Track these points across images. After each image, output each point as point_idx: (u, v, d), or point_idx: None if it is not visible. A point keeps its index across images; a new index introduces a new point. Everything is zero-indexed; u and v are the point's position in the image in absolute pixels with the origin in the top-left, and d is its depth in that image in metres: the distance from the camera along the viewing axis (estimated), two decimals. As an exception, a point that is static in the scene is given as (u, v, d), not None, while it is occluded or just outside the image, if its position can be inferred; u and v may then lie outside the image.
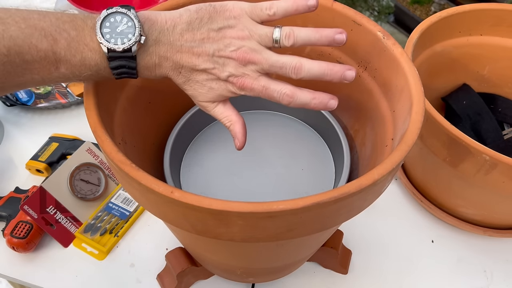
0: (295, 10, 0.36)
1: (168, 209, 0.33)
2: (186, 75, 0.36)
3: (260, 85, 0.36)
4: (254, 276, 0.55)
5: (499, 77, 0.73)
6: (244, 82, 0.36)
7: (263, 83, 0.36)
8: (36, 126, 0.78)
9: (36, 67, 0.31)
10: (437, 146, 0.55)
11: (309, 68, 0.36)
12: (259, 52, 0.35)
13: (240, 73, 0.36)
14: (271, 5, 0.36)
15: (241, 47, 0.35)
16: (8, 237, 0.59)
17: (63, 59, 0.32)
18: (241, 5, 0.36)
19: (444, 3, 1.71)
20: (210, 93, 0.37)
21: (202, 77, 0.36)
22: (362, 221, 0.66)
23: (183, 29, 0.35)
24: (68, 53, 0.32)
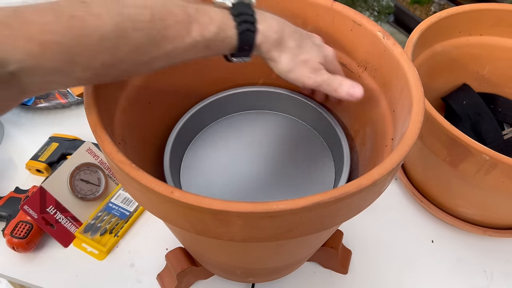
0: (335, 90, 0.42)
1: (168, 209, 0.33)
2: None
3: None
4: (254, 276, 0.55)
5: (499, 77, 0.73)
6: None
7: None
8: (36, 126, 0.78)
9: (172, 33, 0.32)
10: (437, 146, 0.55)
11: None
12: None
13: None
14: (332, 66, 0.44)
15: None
16: (8, 237, 0.59)
17: (194, 20, 0.33)
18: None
19: (444, 3, 1.71)
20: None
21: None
22: (362, 221, 0.66)
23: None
24: (197, 14, 0.34)
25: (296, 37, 0.39)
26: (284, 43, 0.38)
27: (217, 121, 0.55)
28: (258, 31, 0.36)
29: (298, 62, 0.40)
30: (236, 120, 0.55)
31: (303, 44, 0.40)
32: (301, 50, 0.39)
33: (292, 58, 0.39)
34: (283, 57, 0.39)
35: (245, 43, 0.36)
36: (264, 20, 0.37)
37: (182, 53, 0.34)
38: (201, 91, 0.53)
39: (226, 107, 0.55)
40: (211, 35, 0.34)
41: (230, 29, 0.35)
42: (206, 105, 0.52)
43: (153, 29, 0.31)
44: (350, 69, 0.48)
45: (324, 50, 0.42)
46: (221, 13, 0.35)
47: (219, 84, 0.53)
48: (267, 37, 0.37)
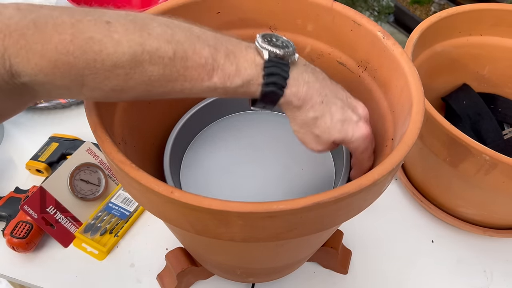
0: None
1: (168, 209, 0.33)
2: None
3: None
4: (254, 276, 0.55)
5: (499, 77, 0.73)
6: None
7: None
8: (36, 126, 0.78)
9: (191, 74, 0.31)
10: (437, 146, 0.55)
11: None
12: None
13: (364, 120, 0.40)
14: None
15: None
16: (8, 237, 0.59)
17: (220, 67, 0.32)
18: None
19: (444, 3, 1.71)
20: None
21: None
22: (362, 221, 0.66)
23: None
24: (226, 61, 0.32)
25: (320, 107, 0.36)
26: (304, 109, 0.36)
27: (217, 121, 0.55)
28: (284, 95, 0.34)
29: (309, 134, 0.38)
30: (236, 120, 0.55)
31: (324, 116, 0.37)
32: (317, 122, 0.37)
33: (303, 127, 0.37)
34: (297, 121, 0.37)
35: (266, 101, 0.35)
36: (294, 84, 0.34)
37: (198, 93, 0.33)
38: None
39: (226, 107, 0.55)
40: (233, 86, 0.33)
41: (255, 86, 0.33)
42: (206, 105, 0.52)
43: (171, 67, 0.30)
44: (350, 69, 0.48)
45: (348, 130, 0.38)
46: (253, 67, 0.33)
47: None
48: (289, 102, 0.35)
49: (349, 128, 0.38)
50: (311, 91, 0.35)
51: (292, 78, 0.34)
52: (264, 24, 0.49)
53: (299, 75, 0.35)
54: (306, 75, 0.35)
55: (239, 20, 0.49)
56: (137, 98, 0.32)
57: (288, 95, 0.34)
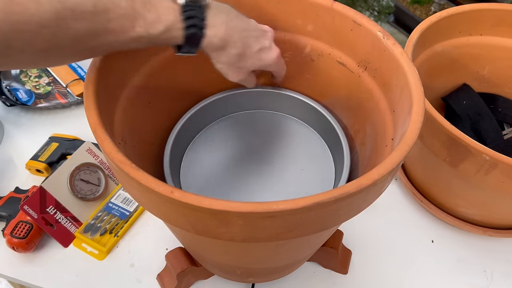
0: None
1: (168, 209, 0.33)
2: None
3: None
4: (254, 276, 0.55)
5: (499, 77, 0.73)
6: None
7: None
8: (36, 126, 0.78)
9: (115, 26, 0.32)
10: (437, 146, 0.55)
11: None
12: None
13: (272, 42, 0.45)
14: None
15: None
16: (8, 237, 0.59)
17: (141, 16, 0.33)
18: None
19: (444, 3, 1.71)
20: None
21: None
22: (362, 221, 0.66)
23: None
24: (145, 9, 0.33)
25: (240, 45, 0.40)
26: (226, 49, 0.39)
27: (217, 121, 0.55)
28: (205, 36, 0.37)
29: (233, 67, 0.42)
30: (236, 120, 0.55)
31: (246, 52, 0.41)
32: (240, 59, 0.41)
33: (228, 64, 0.41)
34: (221, 60, 0.40)
35: (190, 44, 0.37)
36: (213, 25, 0.37)
37: (124, 45, 0.34)
38: (201, 91, 0.53)
39: (226, 107, 0.55)
40: (156, 33, 0.34)
41: (177, 30, 0.35)
42: (206, 105, 0.52)
43: (94, 21, 0.31)
44: (350, 69, 0.48)
45: (265, 58, 0.43)
46: (171, 12, 0.35)
47: (219, 84, 0.53)
48: (211, 42, 0.38)
49: (266, 55, 0.43)
50: (229, 30, 0.38)
51: (209, 19, 0.37)
52: (264, 24, 0.49)
53: (215, 16, 0.38)
54: (222, 15, 0.38)
55: (239, 20, 0.49)
56: (66, 59, 0.33)
57: (209, 35, 0.37)
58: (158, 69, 0.47)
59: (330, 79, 0.51)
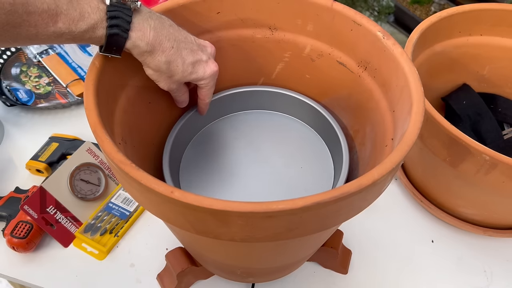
0: None
1: (168, 209, 0.33)
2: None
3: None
4: (254, 276, 0.55)
5: (499, 77, 0.73)
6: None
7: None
8: (36, 126, 0.78)
9: (35, 19, 0.32)
10: (437, 146, 0.55)
11: None
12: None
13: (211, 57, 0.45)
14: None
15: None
16: (8, 237, 0.59)
17: (64, 12, 0.33)
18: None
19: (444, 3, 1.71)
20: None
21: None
22: (362, 221, 0.66)
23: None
24: (69, 7, 0.34)
25: (170, 53, 0.39)
26: (155, 54, 0.39)
27: (216, 121, 0.55)
28: (130, 38, 0.37)
29: (163, 75, 0.41)
30: (236, 120, 0.55)
31: (176, 62, 0.40)
32: (169, 67, 0.41)
33: (157, 71, 0.41)
34: (150, 66, 0.40)
35: (112, 45, 0.37)
36: (140, 29, 0.37)
37: (46, 39, 0.34)
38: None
39: (226, 106, 0.55)
40: (78, 31, 0.35)
41: (100, 29, 0.36)
42: (206, 105, 0.52)
43: (13, 12, 0.31)
44: (350, 69, 0.48)
45: (199, 71, 0.43)
46: (96, 12, 0.35)
47: (219, 84, 0.53)
48: (137, 46, 0.38)
49: (200, 68, 0.43)
50: (159, 37, 0.38)
51: (136, 22, 0.37)
52: (264, 24, 0.49)
53: (144, 20, 0.38)
54: (151, 21, 0.38)
55: (239, 20, 0.49)
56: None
57: (134, 38, 0.37)
58: (158, 69, 0.47)
59: (330, 79, 0.51)
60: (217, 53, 0.51)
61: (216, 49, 0.50)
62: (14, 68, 0.86)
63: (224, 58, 0.51)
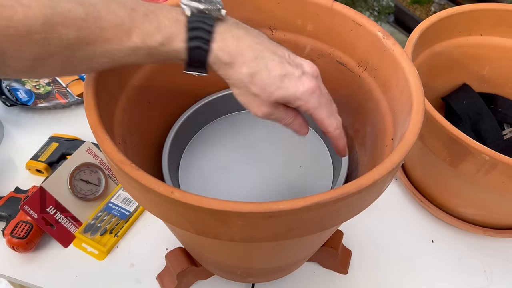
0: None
1: (168, 209, 0.33)
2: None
3: None
4: (254, 276, 0.55)
5: (499, 77, 0.73)
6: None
7: None
8: (36, 126, 0.78)
9: (108, 35, 0.31)
10: (437, 146, 0.55)
11: None
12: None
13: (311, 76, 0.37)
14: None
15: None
16: (8, 237, 0.59)
17: (138, 26, 0.31)
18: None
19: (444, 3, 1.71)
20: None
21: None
22: (362, 221, 0.66)
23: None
24: (144, 20, 0.32)
25: (254, 64, 0.34)
26: (235, 66, 0.34)
27: (216, 120, 0.55)
28: (211, 50, 0.33)
29: (246, 92, 0.36)
30: (235, 120, 0.55)
31: (260, 72, 0.34)
32: (253, 80, 0.35)
33: (240, 87, 0.36)
34: (233, 82, 0.35)
35: (195, 60, 0.34)
36: (222, 39, 0.34)
37: (123, 57, 0.32)
38: (201, 90, 0.53)
39: (225, 106, 0.55)
40: (154, 44, 0.32)
41: (178, 42, 0.33)
42: (205, 104, 0.52)
43: (86, 28, 0.30)
44: (350, 69, 0.48)
45: (290, 87, 0.35)
46: (174, 23, 0.32)
47: (219, 84, 0.53)
48: (218, 57, 0.34)
49: (291, 84, 0.35)
50: (242, 46, 0.34)
51: (218, 32, 0.34)
52: (264, 24, 0.49)
53: (227, 29, 0.34)
54: (235, 30, 0.34)
55: (239, 20, 0.49)
56: (64, 69, 0.32)
57: (215, 50, 0.33)
58: (158, 69, 0.47)
59: (330, 79, 0.51)
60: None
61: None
62: (14, 68, 0.86)
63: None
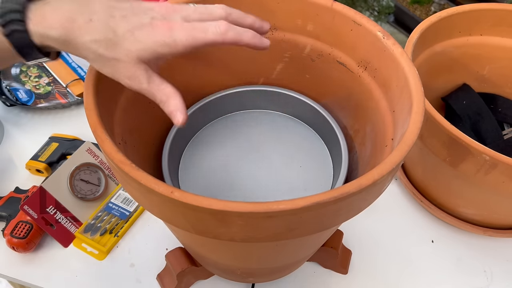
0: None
1: (168, 209, 0.33)
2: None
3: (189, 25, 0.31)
4: (254, 276, 0.55)
5: (499, 77, 0.73)
6: (171, 24, 0.31)
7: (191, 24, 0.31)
8: (36, 126, 0.78)
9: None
10: (437, 146, 0.55)
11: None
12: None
13: (163, 17, 0.31)
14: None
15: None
16: (8, 237, 0.59)
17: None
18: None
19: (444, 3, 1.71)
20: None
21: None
22: (362, 221, 0.66)
23: None
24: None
25: (92, 27, 0.30)
26: (74, 38, 0.30)
27: (216, 120, 0.55)
28: (30, 29, 0.30)
29: (104, 61, 0.31)
30: (235, 120, 0.55)
31: (110, 37, 0.30)
32: (102, 45, 0.30)
33: (94, 59, 0.31)
34: (90, 59, 0.31)
35: (20, 46, 0.30)
36: (39, 14, 0.30)
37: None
38: (201, 90, 0.53)
39: (225, 106, 0.55)
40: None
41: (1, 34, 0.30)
42: (205, 104, 0.52)
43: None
44: (350, 69, 0.48)
45: (143, 37, 0.30)
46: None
47: (219, 83, 0.53)
48: (45, 35, 0.30)
49: (144, 35, 0.30)
50: (68, 14, 0.30)
51: (33, 9, 0.30)
52: (264, 24, 0.49)
53: (44, 5, 0.30)
54: (54, 2, 0.30)
55: (239, 20, 0.49)
56: None
57: (35, 27, 0.30)
58: (158, 69, 0.47)
59: (330, 79, 0.51)
60: (217, 53, 0.51)
61: (216, 49, 0.50)
62: (14, 68, 0.86)
63: (223, 58, 0.51)
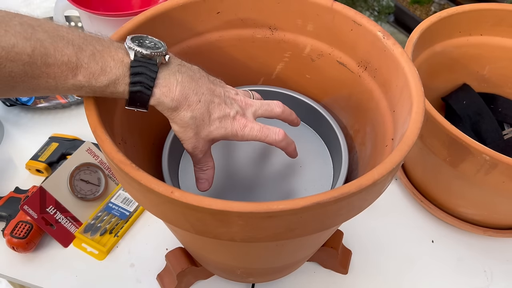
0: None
1: (168, 209, 0.33)
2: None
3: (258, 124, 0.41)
4: (254, 276, 0.55)
5: (499, 77, 0.73)
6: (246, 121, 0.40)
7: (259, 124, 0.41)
8: (36, 126, 0.78)
9: (54, 71, 0.31)
10: (437, 146, 0.55)
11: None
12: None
13: (242, 112, 0.41)
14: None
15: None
16: (8, 237, 0.59)
17: (84, 66, 0.32)
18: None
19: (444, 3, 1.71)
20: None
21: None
22: (362, 221, 0.66)
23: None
24: (90, 60, 0.32)
25: (197, 107, 0.37)
26: (180, 110, 0.36)
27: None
28: (153, 95, 0.35)
29: (188, 132, 0.38)
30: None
31: (203, 115, 0.37)
32: (196, 122, 0.37)
33: (183, 127, 0.38)
34: (176, 122, 0.37)
35: (136, 102, 0.35)
36: (165, 85, 0.35)
37: (65, 90, 0.33)
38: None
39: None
40: (99, 85, 0.33)
41: (122, 85, 0.34)
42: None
43: (31, 64, 0.30)
44: (350, 69, 0.48)
45: (226, 128, 0.39)
46: (119, 66, 0.34)
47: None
48: (162, 102, 0.35)
49: (227, 125, 0.39)
50: (186, 91, 0.36)
51: (162, 78, 0.35)
52: (264, 24, 0.49)
53: (171, 75, 0.36)
54: (179, 76, 0.36)
55: (239, 20, 0.49)
56: (5, 94, 0.32)
57: (158, 95, 0.35)
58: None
59: (330, 79, 0.51)
60: (217, 53, 0.51)
61: (216, 49, 0.50)
62: (14, 68, 0.86)
63: (224, 58, 0.51)
